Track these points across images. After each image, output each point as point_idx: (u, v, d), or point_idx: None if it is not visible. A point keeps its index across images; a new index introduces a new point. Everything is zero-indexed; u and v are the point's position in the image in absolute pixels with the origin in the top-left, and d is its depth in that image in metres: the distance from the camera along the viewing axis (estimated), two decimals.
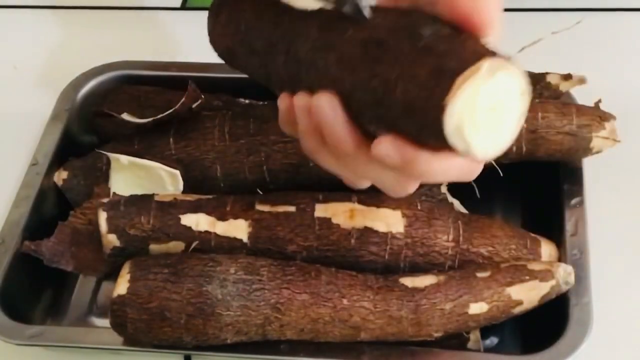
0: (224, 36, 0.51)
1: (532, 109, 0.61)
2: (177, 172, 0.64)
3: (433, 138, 0.39)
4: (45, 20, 0.88)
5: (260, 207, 0.60)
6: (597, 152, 0.63)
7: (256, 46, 0.49)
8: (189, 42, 0.83)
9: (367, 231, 0.58)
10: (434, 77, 0.38)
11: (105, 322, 0.58)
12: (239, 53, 0.51)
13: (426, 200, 0.62)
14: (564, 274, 0.57)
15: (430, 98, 0.38)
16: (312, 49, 0.44)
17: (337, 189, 0.61)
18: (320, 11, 0.45)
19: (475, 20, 0.40)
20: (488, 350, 0.60)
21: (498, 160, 0.61)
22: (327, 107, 0.43)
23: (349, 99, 0.42)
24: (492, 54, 0.38)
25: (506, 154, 0.61)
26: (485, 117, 0.39)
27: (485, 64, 0.37)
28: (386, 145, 0.41)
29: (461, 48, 0.39)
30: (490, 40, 0.40)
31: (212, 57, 0.74)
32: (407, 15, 0.42)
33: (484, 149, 0.40)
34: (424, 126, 0.39)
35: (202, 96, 0.65)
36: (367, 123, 0.42)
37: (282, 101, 0.46)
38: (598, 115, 0.62)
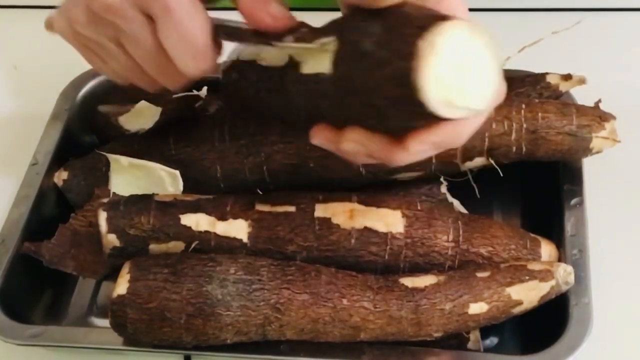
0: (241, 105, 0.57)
1: (532, 109, 0.61)
2: (177, 172, 0.64)
3: (422, 119, 0.42)
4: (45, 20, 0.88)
5: (260, 207, 0.60)
6: (597, 152, 0.63)
7: (275, 115, 0.55)
8: None
9: (367, 231, 0.58)
10: (396, 85, 0.41)
11: (105, 322, 0.58)
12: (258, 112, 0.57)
13: (426, 200, 0.62)
14: (564, 274, 0.57)
15: (402, 73, 0.40)
16: (310, 103, 0.47)
17: (337, 189, 0.61)
18: (291, 60, 0.48)
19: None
20: (488, 350, 0.60)
21: (498, 160, 0.61)
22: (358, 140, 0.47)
23: (360, 125, 0.46)
24: (433, 18, 0.41)
25: (506, 154, 0.62)
26: (462, 79, 0.41)
27: (425, 39, 0.40)
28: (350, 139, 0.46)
29: (398, 42, 0.41)
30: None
31: None
32: (345, 29, 0.44)
33: (477, 102, 0.42)
34: (413, 117, 0.42)
35: (203, 96, 0.65)
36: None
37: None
38: (598, 116, 0.62)
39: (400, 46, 0.41)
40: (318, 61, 0.45)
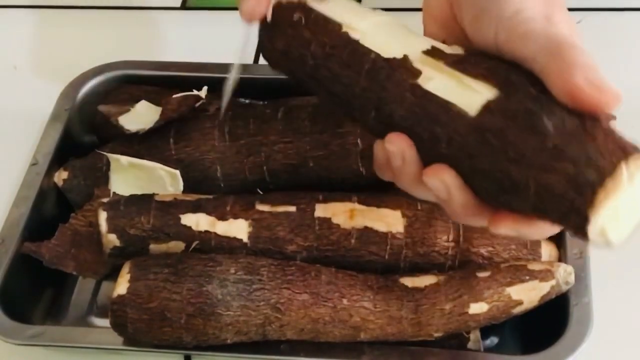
0: (287, 62, 0.50)
1: None
2: (177, 172, 0.64)
3: (570, 231, 0.39)
4: (45, 20, 0.88)
5: (260, 207, 0.60)
6: None
7: (333, 89, 0.47)
8: (189, 42, 0.83)
9: (367, 231, 0.58)
10: (571, 189, 0.37)
11: (105, 322, 0.58)
12: (302, 81, 0.49)
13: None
14: (564, 274, 0.57)
15: (570, 208, 0.37)
16: (413, 116, 0.42)
17: (337, 189, 0.61)
18: (405, 61, 0.43)
19: (603, 107, 0.38)
20: (488, 350, 0.60)
21: None
22: (451, 186, 0.42)
23: (465, 177, 0.41)
24: (624, 151, 0.37)
25: None
26: (625, 214, 0.38)
27: (624, 171, 0.36)
28: (506, 225, 0.41)
29: (594, 151, 0.37)
30: (613, 115, 0.39)
31: (212, 57, 0.74)
32: (515, 87, 0.40)
33: (621, 237, 0.39)
34: (559, 223, 0.39)
35: (203, 96, 0.65)
36: (487, 199, 0.42)
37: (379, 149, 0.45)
38: None
39: (594, 154, 0.37)
40: (455, 90, 0.41)
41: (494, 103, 0.40)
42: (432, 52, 0.44)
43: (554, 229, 0.41)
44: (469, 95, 0.41)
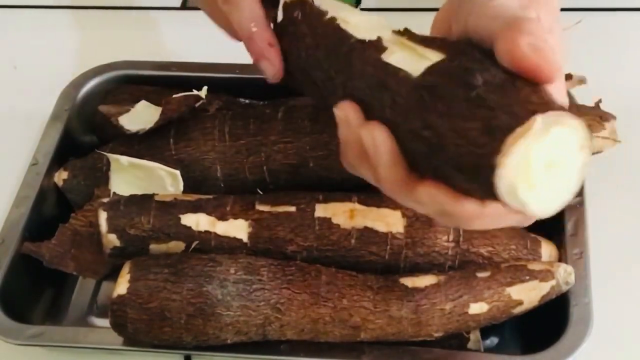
0: (284, 61, 0.52)
1: None
2: (177, 172, 0.64)
3: (484, 194, 0.38)
4: (45, 20, 0.88)
5: (260, 207, 0.60)
6: (597, 152, 0.63)
7: (315, 77, 0.48)
8: (189, 42, 0.83)
9: (367, 231, 0.58)
10: (484, 134, 0.36)
11: (105, 322, 0.58)
12: (298, 79, 0.51)
13: None
14: (564, 274, 0.57)
15: (481, 156, 0.36)
16: (368, 87, 0.43)
17: (337, 189, 0.61)
18: (378, 41, 0.44)
19: (539, 72, 0.38)
20: (488, 350, 0.60)
21: None
22: (379, 140, 0.42)
23: (402, 144, 0.41)
24: (547, 106, 0.36)
25: None
26: (540, 175, 0.36)
27: (539, 120, 0.35)
28: (429, 192, 0.40)
29: (514, 100, 0.37)
30: (552, 88, 0.38)
31: (212, 57, 0.74)
32: (463, 53, 0.40)
33: (541, 206, 0.37)
34: (475, 182, 0.38)
35: (203, 96, 0.65)
36: (419, 168, 0.41)
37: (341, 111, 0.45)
38: (598, 115, 0.62)
39: (514, 103, 0.36)
40: (409, 60, 0.42)
41: (437, 65, 0.40)
42: (402, 32, 0.45)
43: (475, 210, 0.39)
44: (420, 62, 0.41)
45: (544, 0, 0.43)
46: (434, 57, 0.41)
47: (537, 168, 0.36)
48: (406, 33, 0.45)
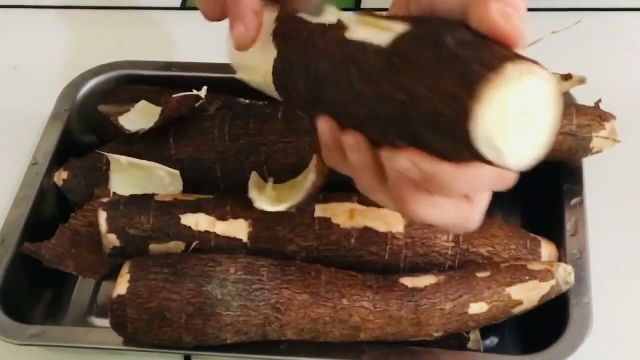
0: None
1: None
2: (177, 172, 0.64)
3: (462, 149, 0.38)
4: (45, 20, 0.88)
5: None
6: (597, 152, 0.63)
7: (278, 69, 0.47)
8: (189, 42, 0.83)
9: (367, 231, 0.58)
10: (458, 84, 0.36)
11: (105, 322, 0.58)
12: (275, 81, 0.49)
13: None
14: (564, 274, 0.57)
15: (456, 106, 0.36)
16: (331, 65, 0.43)
17: (337, 189, 0.61)
18: (339, 23, 0.44)
19: (507, 35, 0.39)
20: (488, 350, 0.60)
21: None
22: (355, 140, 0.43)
23: (374, 118, 0.41)
24: (519, 57, 0.37)
25: None
26: (516, 125, 0.37)
27: (511, 67, 0.36)
28: (404, 158, 0.40)
29: (486, 53, 0.37)
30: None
31: (212, 57, 0.74)
32: (431, 23, 0.40)
33: (518, 157, 0.37)
34: (452, 137, 0.38)
35: (203, 96, 0.65)
36: (395, 141, 0.41)
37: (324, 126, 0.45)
38: (598, 116, 0.62)
39: (486, 56, 0.37)
40: (374, 34, 0.41)
41: (406, 34, 0.40)
42: (366, 13, 0.44)
43: (454, 171, 0.39)
44: (386, 34, 0.41)
45: None
46: (399, 28, 0.41)
47: (512, 117, 0.37)
48: (367, 14, 0.44)
